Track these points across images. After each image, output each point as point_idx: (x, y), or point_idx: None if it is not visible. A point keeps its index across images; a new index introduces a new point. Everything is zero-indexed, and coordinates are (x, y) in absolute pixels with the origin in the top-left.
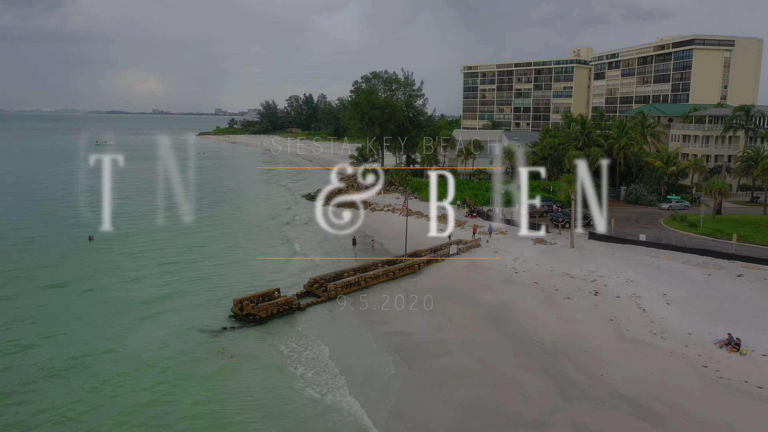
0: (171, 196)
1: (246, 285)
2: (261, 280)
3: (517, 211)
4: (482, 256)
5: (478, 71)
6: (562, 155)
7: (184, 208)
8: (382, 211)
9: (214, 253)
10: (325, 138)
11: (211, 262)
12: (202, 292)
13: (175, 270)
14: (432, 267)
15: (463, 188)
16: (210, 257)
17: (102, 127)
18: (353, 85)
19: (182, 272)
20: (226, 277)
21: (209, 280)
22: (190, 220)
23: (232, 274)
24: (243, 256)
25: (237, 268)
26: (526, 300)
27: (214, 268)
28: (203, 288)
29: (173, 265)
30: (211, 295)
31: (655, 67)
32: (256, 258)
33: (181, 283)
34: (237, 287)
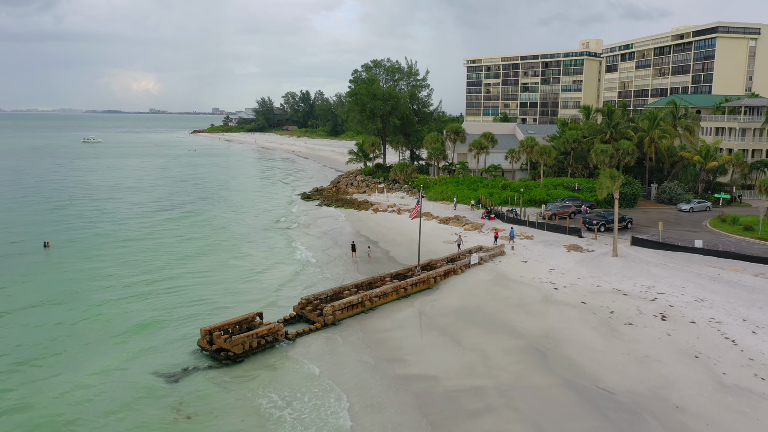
0: (151, 196)
1: (235, 305)
2: (254, 296)
3: (543, 211)
4: (509, 267)
5: (482, 65)
6: (586, 149)
7: (163, 208)
8: (386, 212)
9: (198, 264)
10: (322, 136)
11: (193, 275)
12: (174, 317)
13: (145, 286)
14: (450, 281)
15: (476, 186)
16: (193, 269)
17: (96, 125)
18: (352, 74)
19: (154, 290)
20: (211, 295)
21: (188, 300)
22: (169, 222)
23: (217, 292)
24: (236, 268)
25: (227, 284)
26: (576, 327)
27: (197, 284)
28: (176, 311)
29: (142, 279)
30: (185, 321)
31: (674, 57)
32: (250, 271)
33: (149, 304)
34: (222, 309)
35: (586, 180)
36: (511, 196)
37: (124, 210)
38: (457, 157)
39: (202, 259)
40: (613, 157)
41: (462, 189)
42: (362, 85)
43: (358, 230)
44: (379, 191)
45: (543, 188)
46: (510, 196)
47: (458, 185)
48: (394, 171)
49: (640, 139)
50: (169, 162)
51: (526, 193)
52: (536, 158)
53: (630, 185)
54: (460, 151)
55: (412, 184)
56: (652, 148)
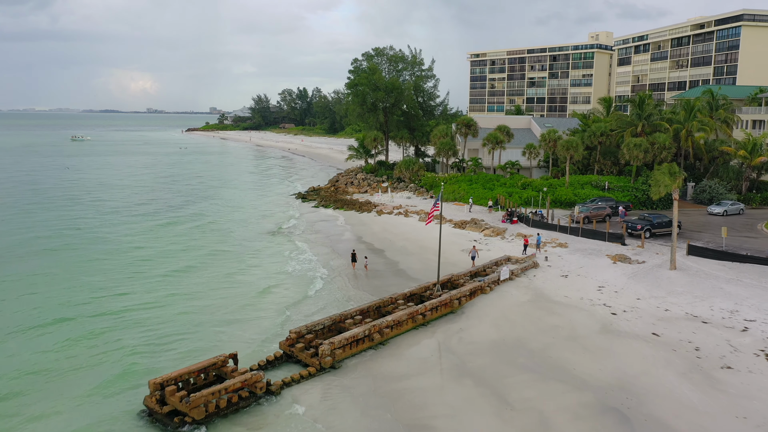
0: (126, 198)
1: (206, 336)
2: (231, 324)
3: (576, 214)
4: (548, 283)
5: (487, 59)
6: (614, 144)
7: (136, 212)
8: (391, 214)
9: (169, 284)
10: (320, 133)
11: (161, 298)
12: (125, 356)
13: (100, 314)
14: (478, 302)
15: (493, 185)
16: (162, 289)
17: (91, 125)
18: (352, 63)
19: (110, 317)
20: (179, 322)
21: (148, 332)
22: (142, 229)
23: (188, 318)
24: (211, 288)
25: (198, 307)
26: (658, 372)
27: (166, 307)
28: (129, 346)
29: (100, 308)
30: (136, 367)
31: (693, 48)
32: (228, 290)
33: (99, 340)
34: (188, 343)
35: (615, 178)
36: (533, 196)
37: (95, 215)
38: (468, 153)
39: (173, 277)
40: (648, 152)
41: (476, 188)
42: (363, 76)
43: (359, 236)
44: (383, 191)
45: (569, 187)
46: (532, 196)
47: (471, 184)
48: (399, 168)
49: (675, 132)
50: (156, 160)
51: (549, 193)
52: (561, 153)
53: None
54: (471, 146)
55: (419, 182)
56: (689, 142)
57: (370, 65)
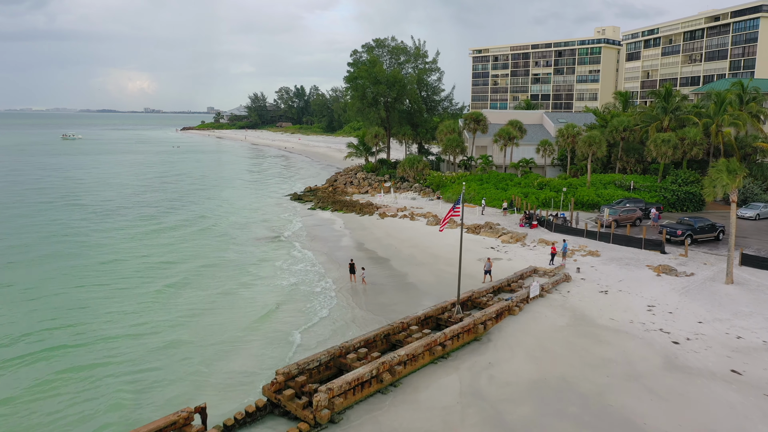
0: (109, 199)
1: (173, 374)
2: (202, 361)
3: (606, 217)
4: (586, 300)
5: (489, 55)
6: (638, 140)
7: (114, 213)
8: (395, 217)
9: (129, 303)
10: (317, 132)
11: (116, 321)
12: (91, 419)
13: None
14: (505, 325)
15: (506, 185)
16: (117, 311)
17: (87, 124)
18: (352, 55)
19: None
20: (142, 357)
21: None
22: (117, 232)
23: (152, 352)
24: (184, 310)
25: (169, 337)
26: (755, 429)
27: (122, 337)
28: (101, 407)
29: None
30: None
31: (708, 42)
32: (206, 313)
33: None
34: (149, 389)
35: (640, 177)
36: (551, 197)
37: (70, 220)
38: (476, 151)
39: (134, 295)
40: (677, 148)
41: (488, 188)
42: (363, 68)
43: (360, 242)
44: (385, 191)
45: (590, 187)
46: (550, 197)
47: (482, 184)
48: (402, 167)
49: (704, 127)
50: (146, 159)
51: (570, 193)
52: (582, 150)
53: (698, 183)
54: (480, 143)
55: (424, 182)
56: (719, 138)
57: (371, 57)
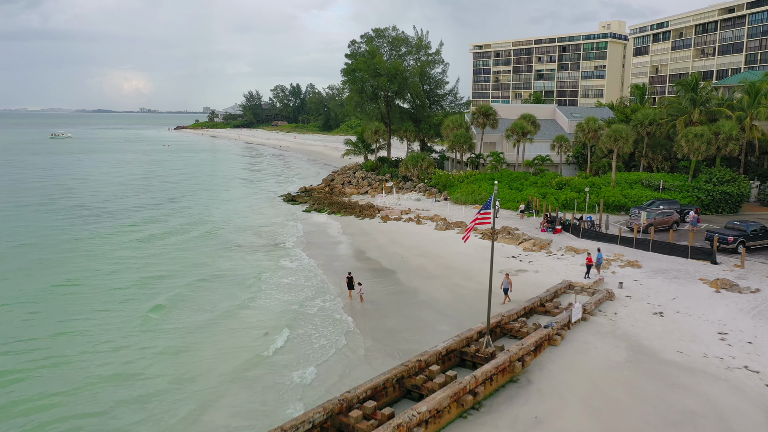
0: (86, 201)
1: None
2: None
3: (643, 221)
4: (639, 325)
5: (491, 50)
6: (665, 134)
7: (91, 217)
8: (399, 220)
9: (72, 336)
10: (314, 131)
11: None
12: None
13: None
14: (547, 359)
15: (521, 184)
16: (48, 351)
17: (80, 123)
18: (349, 45)
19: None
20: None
21: None
22: (87, 241)
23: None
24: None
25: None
26: None
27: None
28: None
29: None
30: None
31: (722, 35)
32: (175, 351)
33: None
34: None
35: (669, 175)
36: (573, 198)
37: (43, 223)
38: (484, 148)
39: (100, 326)
40: (711, 143)
41: (501, 188)
42: (361, 60)
43: (361, 250)
44: (387, 191)
45: (615, 187)
46: (572, 198)
47: (494, 183)
48: (405, 165)
49: (737, 120)
50: (134, 158)
51: (593, 194)
52: (606, 145)
53: (734, 182)
54: (488, 139)
55: (430, 182)
56: (754, 132)
57: (370, 48)
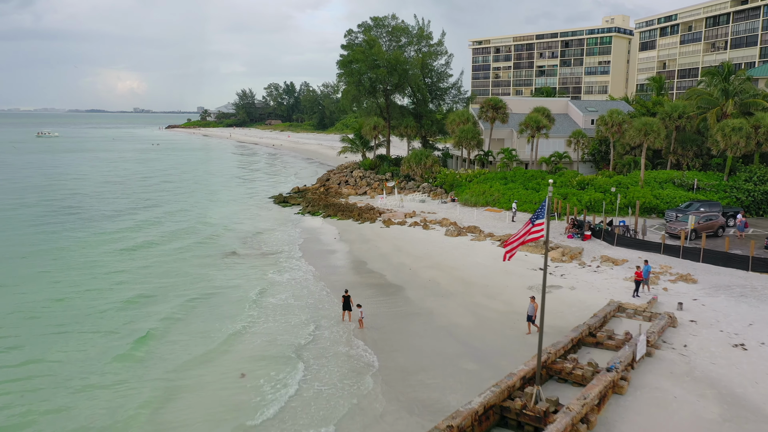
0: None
1: None
2: None
3: (691, 225)
4: (717, 361)
5: (491, 46)
6: (695, 129)
7: (55, 221)
8: (403, 225)
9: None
10: (308, 130)
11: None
12: None
13: None
14: (614, 415)
15: (537, 184)
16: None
17: (71, 123)
18: (346, 35)
19: None
20: None
21: None
22: (40, 255)
23: None
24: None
25: None
26: None
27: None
28: None
29: None
30: None
31: (734, 28)
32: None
33: None
34: None
35: (701, 173)
36: (598, 199)
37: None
38: (491, 144)
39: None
40: (751, 137)
41: (515, 188)
42: (358, 50)
43: (362, 260)
44: (388, 192)
45: (644, 187)
46: (597, 199)
47: (507, 183)
48: (407, 163)
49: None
50: (119, 157)
51: (620, 194)
52: (634, 140)
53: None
54: (497, 135)
55: (434, 181)
56: None
57: (368, 37)
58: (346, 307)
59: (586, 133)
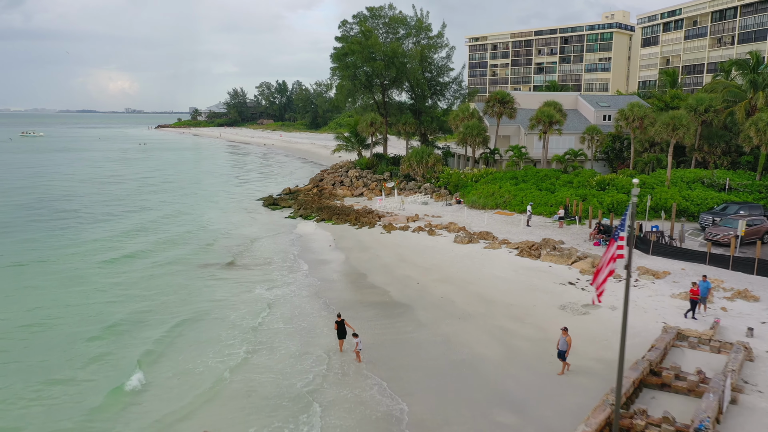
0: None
1: None
2: None
3: (741, 231)
4: None
5: (488, 43)
6: (722, 124)
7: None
8: (406, 231)
9: None
10: (301, 129)
11: None
12: None
13: None
14: None
15: (551, 184)
16: None
17: (60, 123)
18: (340, 26)
19: None
20: None
21: None
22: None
23: None
24: None
25: None
26: None
27: None
28: None
29: None
30: None
31: (742, 22)
32: None
33: None
34: None
35: (731, 172)
36: (621, 200)
37: None
38: (498, 142)
39: None
40: None
41: (528, 189)
42: (354, 41)
43: (361, 272)
44: (387, 193)
45: (671, 187)
46: (619, 200)
47: (518, 183)
48: (408, 162)
49: None
50: (102, 156)
51: (645, 196)
52: (661, 135)
53: None
54: (503, 132)
55: (437, 181)
56: None
57: (364, 28)
58: (341, 334)
59: (601, 130)
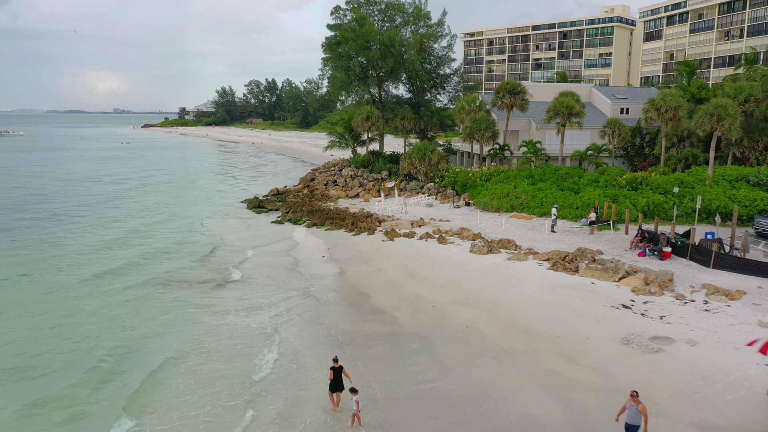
0: None
1: None
2: None
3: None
4: None
5: (483, 38)
6: (763, 116)
7: None
8: (411, 237)
9: None
10: (291, 128)
11: None
12: None
13: None
14: None
15: (575, 183)
16: None
17: (48, 123)
18: (332, 13)
19: None
20: None
21: None
22: None
23: None
24: None
25: None
26: None
27: None
28: None
29: None
30: None
31: (751, 14)
32: None
33: None
34: None
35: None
36: (658, 201)
37: None
38: (507, 137)
39: None
40: None
41: (548, 189)
42: (348, 29)
43: (361, 291)
44: (386, 194)
45: (713, 186)
46: (657, 201)
47: (535, 182)
48: (409, 160)
49: None
50: (80, 156)
51: (685, 196)
52: (703, 127)
53: None
54: (513, 127)
55: (442, 180)
56: None
57: (358, 15)
58: (337, 386)
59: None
